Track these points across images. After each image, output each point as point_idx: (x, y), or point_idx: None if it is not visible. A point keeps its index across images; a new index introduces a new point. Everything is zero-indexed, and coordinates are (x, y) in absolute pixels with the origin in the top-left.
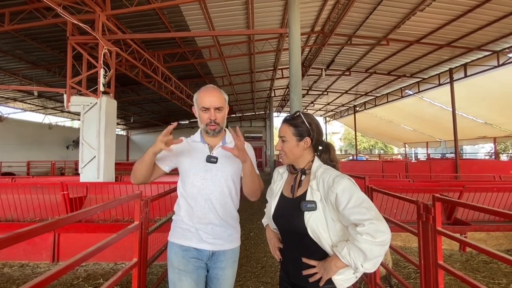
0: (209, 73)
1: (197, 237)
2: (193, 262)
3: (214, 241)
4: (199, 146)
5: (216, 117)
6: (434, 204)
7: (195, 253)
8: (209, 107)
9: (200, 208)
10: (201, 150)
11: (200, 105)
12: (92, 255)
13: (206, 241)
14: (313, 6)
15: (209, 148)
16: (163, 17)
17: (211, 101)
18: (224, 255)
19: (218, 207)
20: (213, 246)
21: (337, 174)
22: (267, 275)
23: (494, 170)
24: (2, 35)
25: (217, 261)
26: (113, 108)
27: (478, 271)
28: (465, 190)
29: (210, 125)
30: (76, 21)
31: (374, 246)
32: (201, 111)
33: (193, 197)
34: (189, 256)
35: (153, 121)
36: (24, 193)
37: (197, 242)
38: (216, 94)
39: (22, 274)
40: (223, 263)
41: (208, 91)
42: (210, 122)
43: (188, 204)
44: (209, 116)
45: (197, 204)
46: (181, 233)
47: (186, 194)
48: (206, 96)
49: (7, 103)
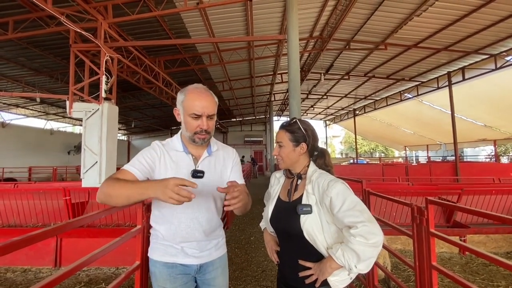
0: (209, 78)
1: (182, 253)
2: (181, 278)
3: (200, 255)
4: (182, 157)
5: (209, 126)
6: (427, 206)
7: (182, 268)
8: (201, 114)
9: (185, 228)
10: (185, 163)
11: (189, 110)
12: (94, 258)
13: (192, 255)
14: (311, 12)
15: (194, 159)
16: (164, 24)
17: (204, 107)
18: (212, 265)
19: (205, 224)
20: (200, 259)
21: (332, 178)
22: (267, 279)
23: (494, 172)
24: (6, 43)
25: (205, 273)
26: (114, 114)
27: (478, 273)
28: (464, 193)
29: (200, 134)
30: (79, 29)
31: (367, 247)
32: (190, 117)
33: (176, 217)
34: (175, 273)
35: (154, 126)
36: (27, 199)
37: (183, 257)
38: (209, 99)
39: (25, 279)
40: (212, 273)
41: (200, 94)
42: (201, 131)
43: (170, 223)
44: (199, 125)
45: (181, 224)
46: (164, 250)
47: (167, 213)
48: (198, 100)
49: (10, 109)
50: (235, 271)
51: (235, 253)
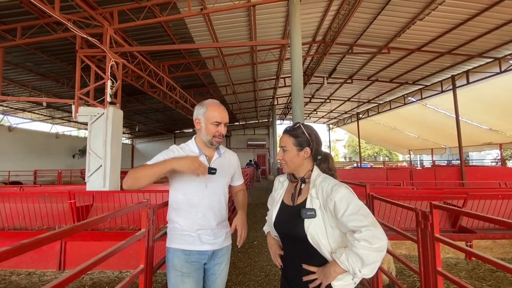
0: (213, 83)
1: (199, 241)
2: (195, 264)
3: (214, 241)
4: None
5: (224, 132)
6: (431, 211)
7: (197, 256)
8: (221, 122)
9: (202, 217)
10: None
11: (212, 119)
12: (100, 262)
13: (207, 242)
14: (314, 16)
15: (207, 159)
16: (169, 29)
17: (223, 117)
18: (221, 251)
19: (217, 213)
20: (213, 246)
21: (336, 182)
22: (270, 284)
23: (500, 176)
24: (14, 48)
25: (215, 258)
26: (119, 118)
27: (484, 279)
28: (469, 198)
29: (218, 137)
30: (85, 35)
31: (371, 252)
32: (212, 124)
33: (194, 207)
34: (191, 260)
35: (158, 129)
36: (33, 202)
37: (199, 245)
38: (225, 111)
39: (30, 282)
40: (220, 259)
41: (220, 107)
42: (219, 135)
43: (189, 213)
44: (219, 130)
45: (199, 212)
46: (182, 238)
47: (187, 204)
48: (218, 111)
49: (16, 113)
50: (238, 276)
51: (238, 257)
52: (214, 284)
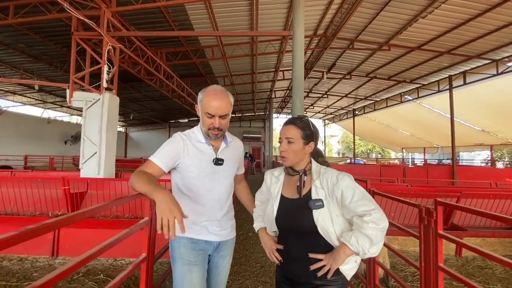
0: (210, 73)
1: (205, 231)
2: (202, 253)
3: (220, 233)
4: (205, 147)
5: (220, 124)
6: (436, 208)
7: (204, 245)
8: (214, 115)
9: (209, 208)
10: (207, 152)
11: (205, 109)
12: (105, 250)
13: (213, 233)
14: (316, 9)
15: (214, 149)
16: (168, 15)
17: (217, 108)
18: (226, 244)
19: (224, 204)
20: (220, 237)
21: (338, 172)
22: (266, 275)
23: (490, 177)
24: (5, 28)
25: (220, 251)
26: (115, 105)
27: (474, 276)
28: (463, 196)
29: (213, 130)
30: (82, 17)
31: (378, 232)
32: (205, 115)
33: (201, 198)
34: (198, 248)
35: (152, 118)
36: (25, 187)
37: (206, 234)
38: (224, 100)
39: (22, 267)
40: (224, 252)
41: (216, 95)
42: (213, 128)
43: (197, 204)
44: (212, 123)
45: (207, 204)
46: (189, 227)
47: (193, 195)
48: (213, 100)
49: (6, 96)
50: (234, 266)
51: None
52: (217, 277)
